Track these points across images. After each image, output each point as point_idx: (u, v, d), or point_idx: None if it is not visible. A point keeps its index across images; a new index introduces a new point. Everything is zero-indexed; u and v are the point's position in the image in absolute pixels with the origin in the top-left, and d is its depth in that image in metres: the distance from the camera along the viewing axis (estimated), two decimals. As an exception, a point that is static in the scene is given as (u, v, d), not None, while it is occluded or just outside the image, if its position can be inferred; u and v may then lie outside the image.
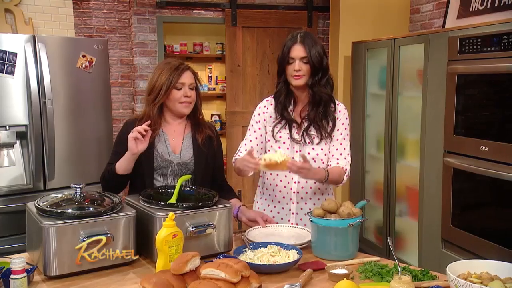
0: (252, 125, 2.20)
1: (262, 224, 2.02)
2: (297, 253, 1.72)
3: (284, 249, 1.76)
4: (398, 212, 3.64)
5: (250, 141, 2.18)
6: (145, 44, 4.59)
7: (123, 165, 1.98)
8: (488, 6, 3.25)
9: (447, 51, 2.95)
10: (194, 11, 4.72)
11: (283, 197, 2.15)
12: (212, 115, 5.47)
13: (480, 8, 3.32)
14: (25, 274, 1.46)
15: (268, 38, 4.84)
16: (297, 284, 1.52)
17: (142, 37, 4.57)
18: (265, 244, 1.79)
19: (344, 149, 2.11)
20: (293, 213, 2.15)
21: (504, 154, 2.58)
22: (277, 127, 2.12)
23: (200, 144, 2.11)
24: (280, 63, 2.09)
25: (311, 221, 1.82)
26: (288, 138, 2.11)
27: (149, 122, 1.94)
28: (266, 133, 2.17)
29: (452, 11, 3.57)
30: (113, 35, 4.64)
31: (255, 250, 1.76)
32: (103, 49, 3.35)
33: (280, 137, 2.12)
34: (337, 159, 2.09)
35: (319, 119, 2.07)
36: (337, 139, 2.11)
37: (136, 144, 1.90)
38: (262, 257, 1.69)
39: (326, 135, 2.09)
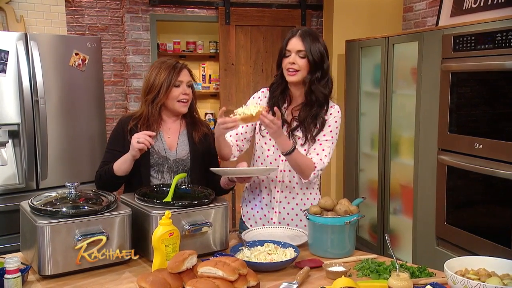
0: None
1: (242, 165, 1.96)
2: (294, 251, 1.72)
3: (281, 247, 1.75)
4: (392, 210, 3.65)
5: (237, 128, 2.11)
6: (138, 42, 4.57)
7: (122, 167, 1.97)
8: (481, 4, 3.27)
9: (441, 49, 2.96)
10: (187, 9, 4.70)
11: (268, 183, 2.12)
12: (206, 113, 5.45)
13: (474, 6, 3.33)
14: (19, 273, 1.44)
15: (262, 37, 4.83)
16: (294, 282, 1.52)
17: (135, 35, 4.55)
18: (261, 242, 1.78)
19: (323, 150, 2.01)
20: (277, 201, 2.11)
21: (498, 151, 2.59)
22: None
23: (196, 141, 2.11)
24: (278, 56, 2.06)
25: (308, 218, 1.81)
26: (273, 146, 2.07)
27: (154, 134, 1.95)
28: (254, 126, 2.13)
29: (445, 9, 3.59)
30: (105, 34, 4.61)
31: (252, 248, 1.75)
32: (96, 47, 3.32)
33: (267, 132, 2.06)
34: (312, 157, 2.02)
35: (308, 121, 2.02)
36: (318, 139, 2.04)
37: (140, 152, 1.91)
38: (259, 255, 1.68)
39: (311, 137, 2.03)
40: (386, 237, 1.63)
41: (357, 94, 3.97)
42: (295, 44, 1.98)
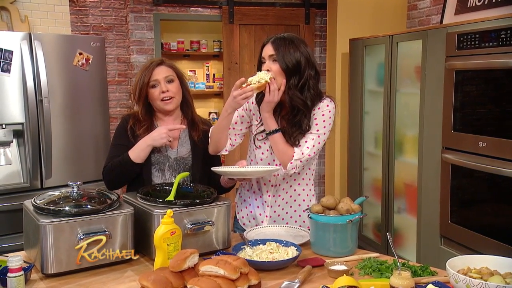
0: (237, 110, 2.07)
1: (241, 164, 1.94)
2: (296, 249, 1.72)
3: (283, 246, 1.75)
4: (396, 209, 3.64)
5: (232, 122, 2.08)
6: (142, 42, 4.57)
7: (140, 155, 1.98)
8: (486, 2, 3.25)
9: (445, 47, 2.94)
10: (191, 9, 4.70)
11: (261, 186, 2.10)
12: (209, 113, 5.46)
13: (478, 4, 3.31)
14: (22, 272, 1.44)
15: (266, 36, 4.76)
16: (296, 281, 1.51)
17: (139, 35, 4.55)
18: (263, 241, 1.78)
19: (306, 142, 1.93)
20: (268, 206, 2.08)
21: (502, 150, 2.57)
22: (262, 135, 2.04)
23: (196, 140, 2.12)
24: (257, 64, 2.03)
25: (310, 217, 1.81)
26: (267, 150, 2.04)
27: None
28: (249, 124, 2.09)
29: (449, 7, 3.57)
30: (109, 33, 4.62)
31: (254, 247, 1.75)
32: (99, 46, 3.33)
33: (264, 146, 2.06)
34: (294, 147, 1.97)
35: (293, 129, 1.95)
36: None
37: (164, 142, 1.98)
38: (261, 254, 1.68)
39: (294, 140, 1.96)
40: (388, 236, 1.63)
41: (361, 92, 3.96)
42: (268, 50, 1.95)
